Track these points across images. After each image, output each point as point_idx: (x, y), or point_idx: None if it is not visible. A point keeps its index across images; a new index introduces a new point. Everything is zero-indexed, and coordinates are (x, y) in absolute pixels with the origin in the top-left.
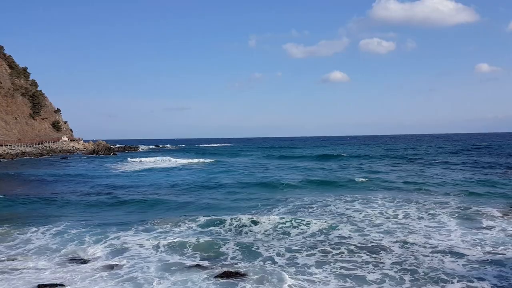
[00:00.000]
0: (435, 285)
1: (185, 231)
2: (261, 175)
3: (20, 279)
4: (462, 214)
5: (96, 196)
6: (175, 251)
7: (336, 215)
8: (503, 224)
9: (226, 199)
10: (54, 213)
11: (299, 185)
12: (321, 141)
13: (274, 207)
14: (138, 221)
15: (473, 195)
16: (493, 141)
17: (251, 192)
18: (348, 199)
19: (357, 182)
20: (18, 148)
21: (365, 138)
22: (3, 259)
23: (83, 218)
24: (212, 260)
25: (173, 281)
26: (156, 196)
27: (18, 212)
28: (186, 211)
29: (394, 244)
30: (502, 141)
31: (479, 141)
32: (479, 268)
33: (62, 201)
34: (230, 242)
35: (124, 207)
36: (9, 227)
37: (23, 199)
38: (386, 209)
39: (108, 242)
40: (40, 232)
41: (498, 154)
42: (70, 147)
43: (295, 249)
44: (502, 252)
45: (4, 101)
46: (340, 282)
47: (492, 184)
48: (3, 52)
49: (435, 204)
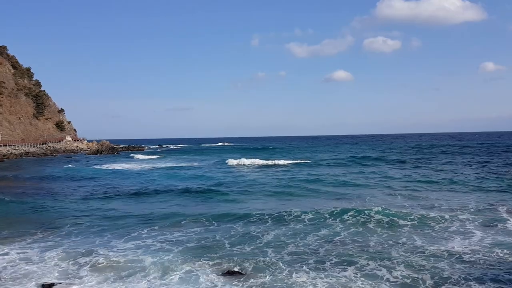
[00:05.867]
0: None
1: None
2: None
3: (25, 277)
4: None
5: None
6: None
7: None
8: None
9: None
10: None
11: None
12: (311, 142)
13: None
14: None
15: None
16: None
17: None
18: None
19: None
20: (22, 148)
21: (366, 138)
22: (9, 258)
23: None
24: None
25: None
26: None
27: (20, 212)
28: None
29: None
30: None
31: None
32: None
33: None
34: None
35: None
36: (12, 227)
37: (24, 199)
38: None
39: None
40: (41, 232)
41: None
42: (74, 147)
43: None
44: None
45: (7, 101)
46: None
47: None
48: (7, 53)
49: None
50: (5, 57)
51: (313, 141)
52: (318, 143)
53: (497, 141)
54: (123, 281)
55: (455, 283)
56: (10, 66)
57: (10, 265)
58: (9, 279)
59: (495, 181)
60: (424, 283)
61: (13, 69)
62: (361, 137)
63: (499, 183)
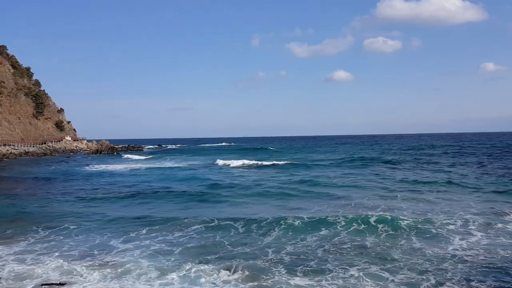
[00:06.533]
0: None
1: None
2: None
3: (24, 278)
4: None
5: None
6: None
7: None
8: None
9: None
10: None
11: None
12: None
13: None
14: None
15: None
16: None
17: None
18: None
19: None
20: (22, 148)
21: (367, 138)
22: (9, 259)
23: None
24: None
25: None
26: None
27: (21, 212)
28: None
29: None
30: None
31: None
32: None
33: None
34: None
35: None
36: (14, 227)
37: (24, 199)
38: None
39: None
40: (42, 231)
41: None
42: (73, 147)
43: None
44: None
45: (7, 101)
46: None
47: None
48: (6, 52)
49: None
50: (4, 57)
51: (313, 141)
52: (317, 143)
53: (497, 141)
54: (122, 281)
55: (457, 283)
56: (9, 65)
57: (9, 265)
58: (8, 279)
59: (495, 181)
60: (426, 284)
61: (12, 69)
62: (361, 137)
63: (499, 183)
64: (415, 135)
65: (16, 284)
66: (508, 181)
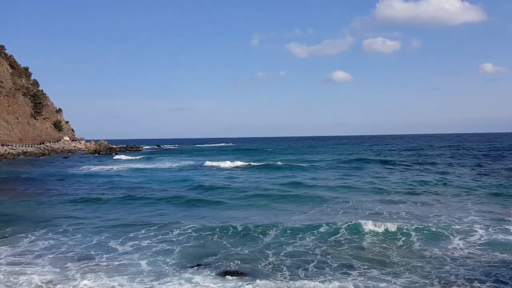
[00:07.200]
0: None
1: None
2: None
3: (22, 278)
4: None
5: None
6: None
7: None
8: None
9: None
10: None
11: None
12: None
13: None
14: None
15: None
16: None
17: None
18: None
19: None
20: (20, 148)
21: (367, 138)
22: (7, 260)
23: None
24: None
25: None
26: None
27: (15, 213)
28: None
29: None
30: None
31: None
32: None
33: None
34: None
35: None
36: (12, 228)
37: (23, 199)
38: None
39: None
40: (39, 233)
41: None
42: (71, 147)
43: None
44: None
45: (5, 101)
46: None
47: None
48: (5, 52)
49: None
50: (2, 57)
51: (312, 142)
52: (316, 144)
53: (497, 141)
54: (121, 280)
55: (459, 284)
56: (8, 65)
57: (6, 266)
58: (5, 280)
59: (495, 182)
60: (428, 285)
61: (11, 69)
62: (361, 137)
63: (498, 185)
64: (415, 136)
65: (12, 285)
66: (507, 183)
